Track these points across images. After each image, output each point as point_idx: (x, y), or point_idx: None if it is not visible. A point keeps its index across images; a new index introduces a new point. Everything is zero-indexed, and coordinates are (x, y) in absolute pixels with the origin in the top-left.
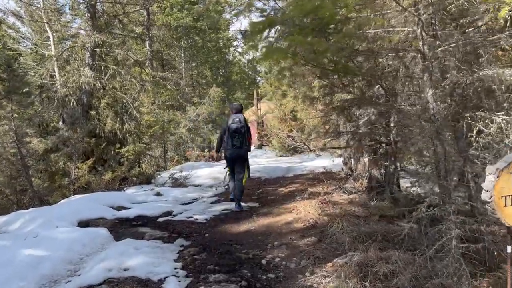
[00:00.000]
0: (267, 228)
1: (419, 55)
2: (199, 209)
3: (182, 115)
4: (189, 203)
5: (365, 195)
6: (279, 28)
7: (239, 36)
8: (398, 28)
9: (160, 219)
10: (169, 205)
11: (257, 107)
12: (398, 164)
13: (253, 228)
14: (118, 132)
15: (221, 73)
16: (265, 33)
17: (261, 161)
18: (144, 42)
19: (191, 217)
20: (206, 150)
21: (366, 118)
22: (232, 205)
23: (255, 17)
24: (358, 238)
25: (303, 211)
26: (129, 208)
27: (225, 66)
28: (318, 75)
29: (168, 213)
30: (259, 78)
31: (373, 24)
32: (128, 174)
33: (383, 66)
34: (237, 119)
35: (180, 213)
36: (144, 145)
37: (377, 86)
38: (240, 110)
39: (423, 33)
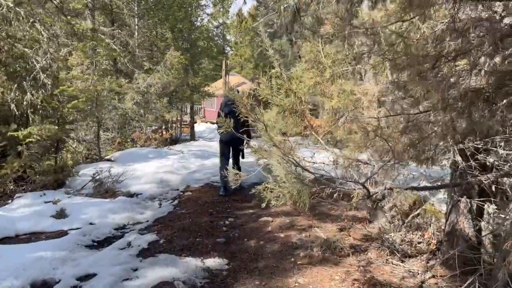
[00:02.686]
0: None
1: None
2: (109, 281)
3: (128, 85)
4: (103, 241)
5: (440, 267)
6: None
7: None
8: None
9: None
10: (62, 252)
11: (225, 80)
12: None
13: None
14: (13, 105)
15: (185, 36)
16: None
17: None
18: None
19: None
20: (160, 131)
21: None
22: (177, 270)
23: None
24: None
25: None
26: None
27: (190, 28)
28: None
29: None
30: (228, 49)
31: None
32: (30, 171)
33: None
34: (230, 102)
35: None
36: (58, 126)
37: None
38: None
39: None
